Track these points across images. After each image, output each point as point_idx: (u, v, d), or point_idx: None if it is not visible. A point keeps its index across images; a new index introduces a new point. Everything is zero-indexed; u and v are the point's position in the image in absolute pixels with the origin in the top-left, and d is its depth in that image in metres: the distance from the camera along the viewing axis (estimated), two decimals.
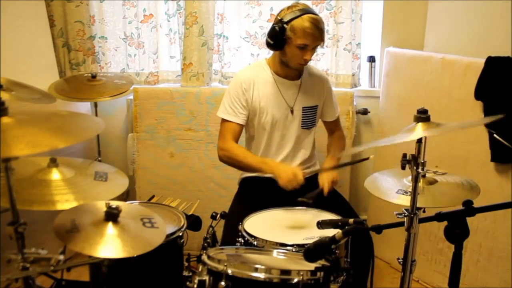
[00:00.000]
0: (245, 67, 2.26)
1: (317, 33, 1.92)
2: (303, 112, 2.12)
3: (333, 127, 2.29)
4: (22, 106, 1.86)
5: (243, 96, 2.05)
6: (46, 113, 1.32)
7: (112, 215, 1.31)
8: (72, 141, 1.17)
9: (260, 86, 2.07)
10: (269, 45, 2.00)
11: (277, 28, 1.94)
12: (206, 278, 1.41)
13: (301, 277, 1.34)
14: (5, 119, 1.14)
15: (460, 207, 1.22)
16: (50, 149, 1.08)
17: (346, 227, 1.31)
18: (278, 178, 1.90)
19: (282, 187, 1.90)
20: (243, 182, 2.22)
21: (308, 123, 2.15)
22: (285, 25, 1.93)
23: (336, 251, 1.53)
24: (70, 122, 1.33)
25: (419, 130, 1.31)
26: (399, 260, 1.41)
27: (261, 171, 2.00)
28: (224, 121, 2.08)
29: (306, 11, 1.94)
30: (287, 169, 1.92)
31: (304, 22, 1.91)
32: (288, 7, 1.97)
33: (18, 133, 1.12)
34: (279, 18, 1.96)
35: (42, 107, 2.05)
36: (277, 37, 1.95)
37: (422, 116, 1.32)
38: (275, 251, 1.58)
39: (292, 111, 2.10)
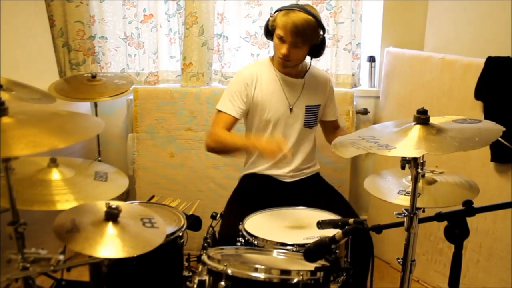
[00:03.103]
0: (249, 64, 2.26)
1: (293, 28, 1.89)
2: (306, 111, 2.12)
3: (335, 124, 2.30)
4: (22, 106, 1.86)
5: (244, 90, 2.05)
6: (46, 113, 1.32)
7: (112, 215, 1.31)
8: (72, 141, 1.17)
9: (263, 82, 2.07)
10: (264, 34, 2.07)
11: (270, 18, 2.00)
12: (206, 278, 1.41)
13: (301, 277, 1.34)
14: (5, 119, 1.14)
15: (460, 207, 1.22)
16: (50, 149, 1.08)
17: (346, 227, 1.31)
18: (262, 150, 1.86)
19: (268, 158, 1.87)
20: (244, 179, 2.23)
21: (310, 122, 2.15)
22: (273, 14, 1.98)
23: (336, 251, 1.54)
24: (70, 122, 1.33)
25: (415, 133, 1.30)
26: (399, 260, 1.41)
27: (245, 148, 1.99)
28: (219, 112, 2.07)
29: (298, 7, 1.94)
30: (270, 140, 1.89)
31: (286, 15, 1.92)
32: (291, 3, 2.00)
33: (18, 133, 1.12)
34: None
35: (42, 107, 2.05)
36: (266, 26, 2.02)
37: (421, 117, 1.31)
38: (275, 251, 1.58)
39: (291, 109, 2.10)
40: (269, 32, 2.02)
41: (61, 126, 1.24)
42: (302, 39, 1.93)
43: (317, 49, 2.01)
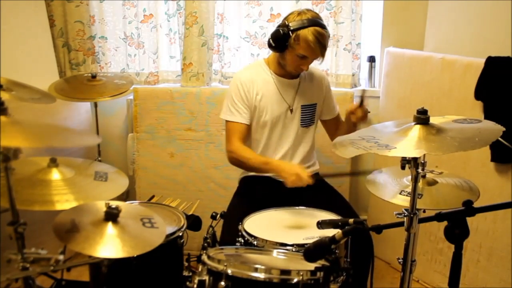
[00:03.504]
0: (244, 67, 2.26)
1: (318, 49, 1.93)
2: (302, 111, 2.12)
3: (337, 121, 2.28)
4: (22, 106, 1.85)
5: (244, 95, 2.06)
6: (46, 126, 1.32)
7: (112, 215, 1.31)
8: (70, 144, 1.17)
9: (260, 85, 2.08)
10: (270, 46, 2.00)
11: (281, 32, 1.94)
12: (206, 278, 1.41)
13: (301, 277, 1.34)
14: (3, 118, 1.14)
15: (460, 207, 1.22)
16: (47, 146, 1.07)
17: (346, 227, 1.31)
18: (282, 179, 1.90)
19: (288, 185, 1.89)
20: (243, 181, 2.23)
21: (307, 121, 2.15)
22: (290, 32, 1.93)
23: (336, 251, 1.54)
24: (67, 132, 1.32)
25: (415, 133, 1.30)
26: (399, 260, 1.41)
27: (266, 172, 2.02)
28: (228, 122, 2.08)
29: (315, 22, 1.92)
30: (290, 169, 1.90)
31: (309, 35, 1.90)
32: (299, 13, 1.96)
33: (17, 128, 1.11)
34: (286, 22, 1.95)
35: (42, 116, 2.03)
36: (280, 41, 1.95)
37: (421, 117, 1.31)
38: (275, 251, 1.58)
39: (291, 110, 2.10)
40: (284, 46, 1.96)
41: (57, 132, 1.24)
42: (323, 54, 1.99)
43: None
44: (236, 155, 2.03)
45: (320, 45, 1.93)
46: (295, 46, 1.93)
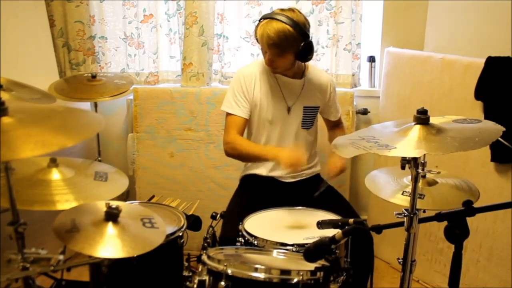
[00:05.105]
0: (248, 63, 2.26)
1: (268, 41, 1.87)
2: (304, 112, 2.12)
3: (336, 122, 2.30)
4: (20, 105, 1.85)
5: (246, 90, 2.06)
6: (44, 111, 1.31)
7: (112, 215, 1.31)
8: (79, 138, 1.15)
9: (262, 82, 2.08)
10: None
11: (255, 29, 1.99)
12: (206, 278, 1.41)
13: (301, 277, 1.34)
14: (6, 119, 1.14)
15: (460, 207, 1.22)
16: (59, 148, 1.05)
17: (346, 227, 1.31)
18: (280, 162, 1.85)
19: (284, 169, 1.89)
20: (244, 179, 2.23)
21: (308, 123, 2.14)
22: (257, 24, 1.97)
23: (336, 251, 1.54)
24: (70, 118, 1.31)
25: (415, 133, 1.30)
26: (399, 260, 1.41)
27: (265, 159, 2.00)
28: (228, 115, 2.09)
29: (275, 16, 1.88)
30: (290, 154, 1.85)
31: (262, 27, 1.90)
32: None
33: (23, 133, 1.10)
34: None
35: (38, 105, 2.03)
36: (255, 34, 2.00)
37: (421, 117, 1.31)
38: (275, 251, 1.58)
39: (289, 110, 2.10)
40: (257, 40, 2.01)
41: (63, 124, 1.23)
42: (279, 50, 1.91)
43: (303, 55, 1.94)
44: (233, 145, 2.03)
45: (268, 39, 1.87)
46: (259, 42, 1.97)
